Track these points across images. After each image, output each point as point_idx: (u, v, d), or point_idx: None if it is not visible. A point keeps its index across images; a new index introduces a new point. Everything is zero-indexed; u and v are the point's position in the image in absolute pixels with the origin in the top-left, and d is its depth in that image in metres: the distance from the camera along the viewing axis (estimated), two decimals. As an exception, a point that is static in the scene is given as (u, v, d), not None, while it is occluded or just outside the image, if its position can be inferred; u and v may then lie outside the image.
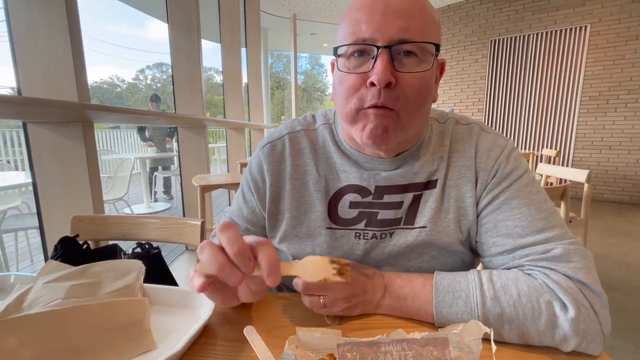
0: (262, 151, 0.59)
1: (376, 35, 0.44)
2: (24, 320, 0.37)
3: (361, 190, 0.54)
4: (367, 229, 0.54)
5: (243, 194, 0.62)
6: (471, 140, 0.54)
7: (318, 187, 0.56)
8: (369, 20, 0.44)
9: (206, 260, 0.36)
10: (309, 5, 5.41)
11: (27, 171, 2.86)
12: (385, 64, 0.43)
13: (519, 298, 0.42)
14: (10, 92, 1.26)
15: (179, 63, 2.49)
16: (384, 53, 0.44)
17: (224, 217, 0.68)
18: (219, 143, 7.36)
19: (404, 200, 0.53)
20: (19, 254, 2.34)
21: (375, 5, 0.45)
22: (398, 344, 0.35)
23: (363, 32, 0.45)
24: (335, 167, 0.56)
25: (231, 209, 0.66)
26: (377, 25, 0.44)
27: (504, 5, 4.80)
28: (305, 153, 0.58)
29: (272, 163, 0.58)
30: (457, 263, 0.55)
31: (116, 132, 7.78)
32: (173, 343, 0.40)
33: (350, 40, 0.46)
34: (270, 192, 0.58)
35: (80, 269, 0.49)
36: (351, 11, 0.47)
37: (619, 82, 4.11)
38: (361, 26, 0.45)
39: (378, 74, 0.43)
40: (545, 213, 0.48)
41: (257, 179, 0.59)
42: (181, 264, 2.42)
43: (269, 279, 0.36)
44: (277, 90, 16.46)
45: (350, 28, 0.46)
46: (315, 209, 0.55)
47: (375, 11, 0.44)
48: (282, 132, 0.60)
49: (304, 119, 0.62)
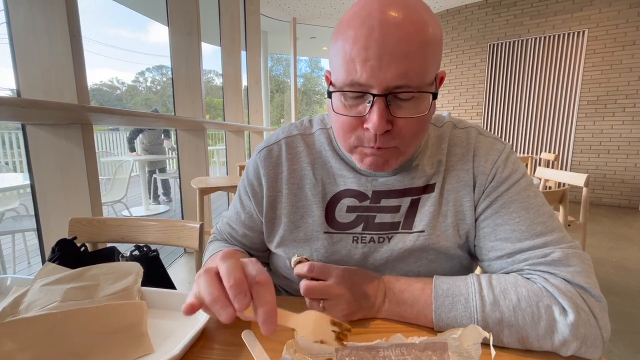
0: (259, 156, 0.59)
1: (372, 81, 0.41)
2: (20, 323, 0.37)
3: (359, 195, 0.54)
4: (364, 232, 0.54)
5: (240, 198, 0.62)
6: (469, 144, 0.54)
7: (315, 191, 0.55)
8: (364, 63, 0.41)
9: (202, 290, 0.34)
10: (308, 9, 5.44)
11: (25, 173, 2.85)
12: (381, 113, 0.42)
13: (519, 302, 0.42)
14: (10, 93, 1.26)
15: (179, 66, 2.49)
16: (379, 101, 0.42)
17: (221, 221, 0.68)
18: (219, 146, 7.36)
19: (401, 205, 0.53)
20: (16, 256, 2.33)
21: (370, 44, 0.40)
22: (397, 348, 0.35)
23: (358, 76, 0.41)
24: (333, 172, 0.56)
25: (229, 214, 0.65)
26: (373, 71, 0.41)
27: (502, 10, 4.83)
28: (301, 157, 0.57)
29: (269, 167, 0.58)
30: (455, 267, 0.55)
31: (115, 134, 7.78)
32: (171, 347, 0.40)
33: (345, 81, 0.43)
34: (267, 197, 0.58)
35: (78, 272, 0.49)
36: (344, 39, 0.42)
37: (616, 86, 4.14)
38: (356, 67, 0.41)
39: (374, 123, 0.42)
40: (544, 217, 0.48)
41: (254, 184, 0.59)
42: (179, 266, 2.41)
43: (263, 327, 0.33)
44: (277, 93, 16.50)
45: (345, 64, 0.42)
46: (313, 214, 0.55)
47: (371, 52, 0.40)
48: (279, 136, 0.60)
49: (301, 124, 0.62)
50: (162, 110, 4.56)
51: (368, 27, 0.40)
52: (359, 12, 0.42)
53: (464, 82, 5.32)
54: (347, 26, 0.42)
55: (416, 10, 0.41)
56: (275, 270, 0.65)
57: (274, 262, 0.64)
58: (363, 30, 0.41)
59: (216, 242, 0.67)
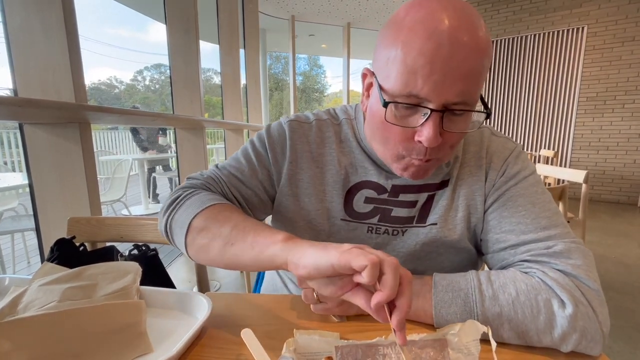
0: (289, 125, 0.58)
1: (432, 96, 0.41)
2: (18, 323, 0.37)
3: (378, 187, 0.55)
4: (380, 224, 0.55)
5: (256, 153, 0.57)
6: (482, 142, 0.56)
7: (337, 178, 0.56)
8: (427, 77, 0.40)
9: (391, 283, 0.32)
10: (307, 6, 5.42)
11: (24, 172, 2.84)
12: (436, 128, 0.42)
13: (518, 296, 0.42)
14: (9, 93, 1.25)
15: (178, 64, 2.48)
16: (436, 116, 0.42)
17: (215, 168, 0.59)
18: (218, 144, 7.35)
19: (418, 200, 0.55)
20: (16, 256, 2.33)
21: (436, 60, 0.39)
22: (397, 346, 0.35)
23: (419, 89, 0.41)
24: (355, 162, 0.57)
25: (229, 164, 0.58)
26: (435, 86, 0.40)
27: (501, 7, 4.82)
28: (329, 142, 0.58)
29: (296, 140, 0.57)
30: (463, 262, 0.57)
31: (114, 133, 7.76)
32: (170, 346, 0.40)
33: (402, 91, 0.42)
34: (288, 169, 0.56)
35: (76, 271, 0.49)
36: (407, 49, 0.41)
37: (616, 83, 4.13)
38: (417, 80, 0.40)
39: (429, 137, 0.42)
40: (549, 212, 0.49)
41: (276, 150, 0.56)
42: (179, 265, 2.41)
43: (399, 336, 0.32)
44: (276, 92, 16.45)
45: (404, 74, 0.41)
46: (332, 200, 0.56)
47: (436, 67, 0.39)
48: (309, 117, 0.61)
49: (328, 112, 0.62)
50: (161, 109, 4.55)
51: (436, 43, 0.39)
52: (424, 23, 0.40)
53: (463, 79, 5.32)
54: (411, 34, 0.41)
55: (481, 29, 0.41)
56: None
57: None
58: (430, 45, 0.39)
59: (205, 192, 0.54)
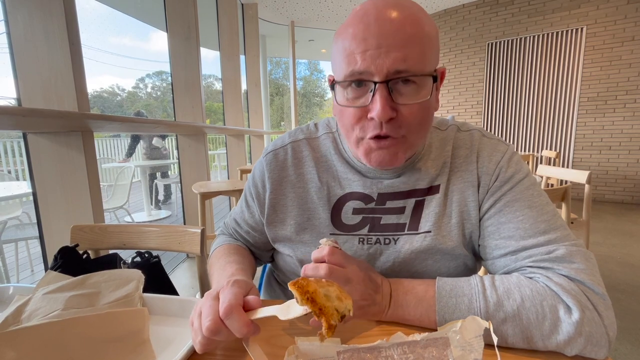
0: (265, 159, 0.61)
1: (372, 69, 0.43)
2: (22, 332, 0.37)
3: (364, 197, 0.55)
4: (370, 234, 0.55)
5: (246, 199, 0.65)
6: (472, 146, 0.55)
7: (320, 194, 0.57)
8: (363, 53, 0.43)
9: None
10: (306, 12, 5.46)
11: (27, 181, 2.86)
12: (384, 100, 0.43)
13: (523, 302, 0.41)
14: (14, 102, 1.27)
15: (178, 71, 2.50)
16: (381, 88, 0.43)
17: (229, 216, 0.71)
18: (219, 150, 7.38)
19: (406, 206, 0.54)
20: (19, 264, 2.33)
21: (367, 36, 0.43)
22: (399, 347, 0.35)
23: (358, 66, 0.43)
24: (338, 175, 0.57)
25: (235, 210, 0.69)
26: (372, 59, 0.42)
27: (500, 9, 4.84)
28: (307, 162, 0.59)
29: (274, 171, 0.59)
30: (459, 268, 0.56)
31: (116, 141, 7.81)
32: (173, 353, 0.40)
33: (345, 72, 0.45)
34: (269, 199, 0.59)
35: (80, 279, 0.49)
36: (344, 38, 0.45)
37: (616, 82, 4.13)
38: (355, 58, 0.43)
39: (377, 111, 0.43)
40: (548, 215, 0.48)
41: (258, 186, 0.61)
42: (182, 272, 2.41)
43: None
44: (277, 97, 16.52)
45: (345, 58, 0.45)
46: (319, 216, 0.56)
47: (369, 42, 0.42)
48: (285, 140, 0.62)
49: (307, 128, 0.63)
50: (163, 116, 4.57)
51: (365, 23, 0.43)
52: (356, 13, 0.45)
53: (463, 82, 5.32)
54: (346, 27, 0.46)
55: (409, 9, 0.44)
56: (281, 269, 0.66)
57: (281, 261, 0.65)
58: (361, 26, 0.44)
59: (222, 235, 0.71)
